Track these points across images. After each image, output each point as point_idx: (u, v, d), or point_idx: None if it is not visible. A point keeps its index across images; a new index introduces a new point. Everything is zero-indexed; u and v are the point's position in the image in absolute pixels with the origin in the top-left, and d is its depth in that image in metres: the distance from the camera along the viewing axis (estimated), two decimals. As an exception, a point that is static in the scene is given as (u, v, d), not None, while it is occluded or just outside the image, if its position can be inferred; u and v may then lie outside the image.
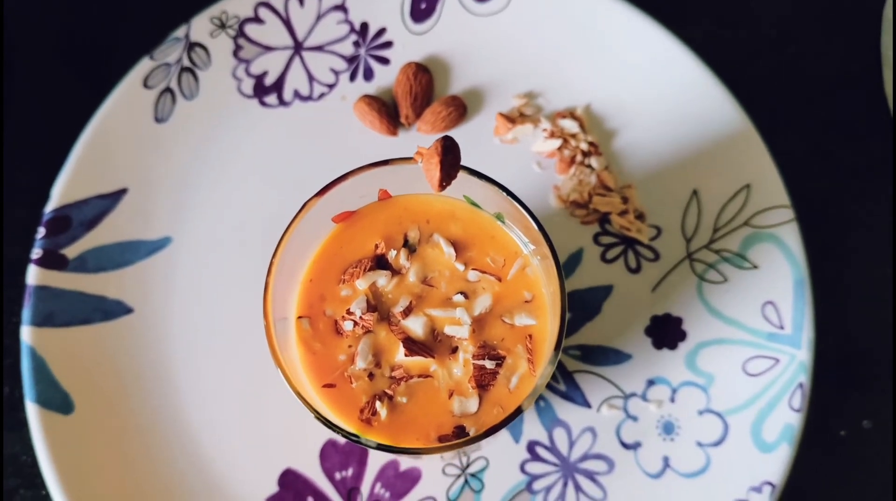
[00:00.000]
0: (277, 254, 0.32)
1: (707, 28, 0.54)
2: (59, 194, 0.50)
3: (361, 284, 0.35)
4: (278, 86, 0.53)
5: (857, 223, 0.52)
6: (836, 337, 0.50)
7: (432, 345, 0.34)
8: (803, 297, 0.48)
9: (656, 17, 0.52)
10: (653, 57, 0.52)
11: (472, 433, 0.34)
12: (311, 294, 0.35)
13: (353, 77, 0.53)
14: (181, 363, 0.50)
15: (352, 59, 0.53)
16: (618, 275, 0.51)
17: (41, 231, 0.50)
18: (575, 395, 0.49)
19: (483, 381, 0.33)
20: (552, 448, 0.48)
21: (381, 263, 0.36)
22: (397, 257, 0.35)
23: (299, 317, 0.35)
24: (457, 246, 0.36)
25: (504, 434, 0.49)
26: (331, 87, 0.53)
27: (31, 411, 0.47)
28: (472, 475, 0.48)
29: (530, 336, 0.34)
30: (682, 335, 0.50)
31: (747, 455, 0.47)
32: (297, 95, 0.53)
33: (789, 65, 0.55)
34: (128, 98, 0.51)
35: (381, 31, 0.54)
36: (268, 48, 0.54)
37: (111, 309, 0.50)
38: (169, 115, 0.52)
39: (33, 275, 0.49)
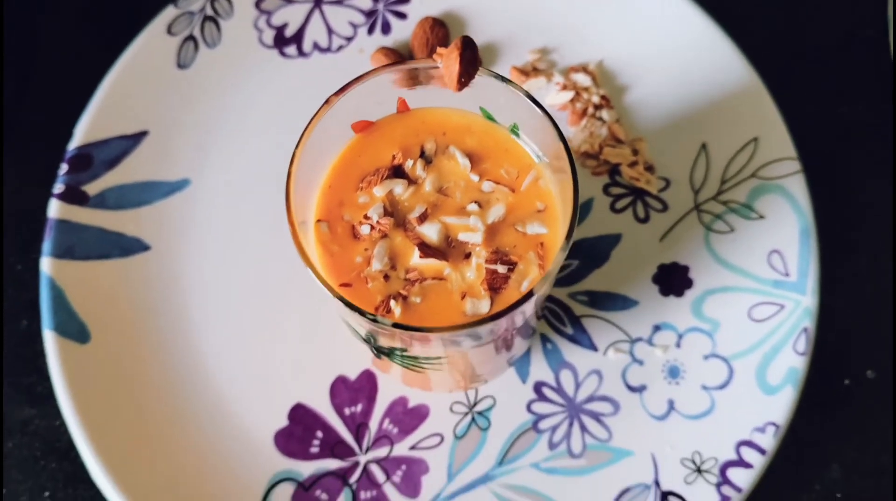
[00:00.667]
0: (297, 153, 0.33)
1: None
2: (83, 132, 0.52)
3: (379, 191, 0.36)
4: (298, 37, 0.55)
5: (861, 178, 0.53)
6: (841, 289, 0.51)
7: (446, 251, 0.35)
8: (809, 245, 0.49)
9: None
10: (664, 15, 0.53)
11: (483, 337, 0.35)
12: (330, 200, 0.36)
13: (370, 31, 0.55)
14: (195, 300, 0.50)
15: (370, 14, 0.55)
16: (627, 224, 0.52)
17: (63, 167, 0.51)
18: (582, 338, 0.50)
19: (495, 284, 0.34)
20: (559, 389, 0.49)
21: (397, 172, 0.37)
22: (414, 167, 0.36)
23: (318, 221, 0.36)
24: (472, 158, 0.37)
25: (511, 374, 0.49)
26: (349, 40, 0.55)
27: (49, 339, 0.48)
28: (480, 413, 0.49)
29: (542, 244, 0.35)
30: (688, 283, 0.50)
31: (752, 397, 0.48)
32: (315, 46, 0.55)
33: (798, 26, 0.56)
34: (152, 44, 0.53)
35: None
36: (289, 1, 0.55)
37: (129, 246, 0.51)
38: (191, 62, 0.53)
39: (55, 209, 0.50)
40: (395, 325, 0.31)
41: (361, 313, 0.32)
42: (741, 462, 0.46)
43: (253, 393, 0.49)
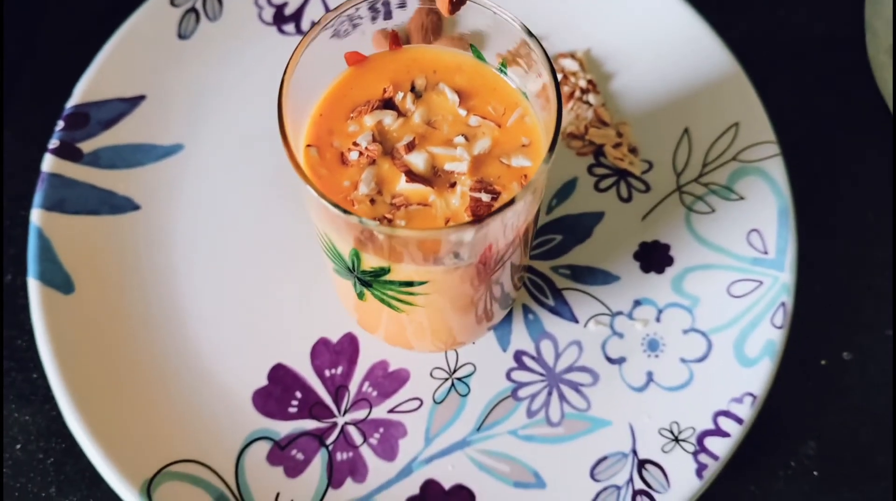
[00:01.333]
0: (290, 68, 0.34)
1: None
2: (81, 92, 0.53)
3: (369, 120, 0.37)
4: (297, 16, 0.57)
5: (843, 166, 0.55)
6: (819, 271, 0.52)
7: (432, 179, 0.36)
8: (787, 225, 0.50)
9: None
10: (650, 6, 0.55)
11: (465, 256, 0.36)
12: (321, 127, 0.37)
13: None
14: (182, 260, 0.51)
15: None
16: (610, 203, 0.53)
17: (60, 124, 0.52)
18: (563, 310, 0.50)
19: (479, 211, 0.35)
20: (538, 359, 0.49)
21: (388, 104, 0.38)
22: (404, 100, 0.37)
23: (308, 146, 0.37)
24: (461, 95, 0.38)
25: (491, 342, 0.50)
26: (347, 21, 0.56)
27: (33, 287, 0.48)
28: (459, 379, 0.49)
29: (525, 176, 0.36)
30: (669, 261, 0.51)
31: (729, 369, 0.48)
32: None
33: (779, 21, 0.58)
34: (155, 13, 0.54)
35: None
36: (291, -20, 0.57)
37: (119, 204, 0.52)
38: (192, 33, 0.55)
39: (48, 163, 0.51)
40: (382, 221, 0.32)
41: (345, 211, 0.32)
42: (718, 432, 0.46)
43: (233, 352, 0.49)
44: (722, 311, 0.49)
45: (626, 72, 0.55)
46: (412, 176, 0.35)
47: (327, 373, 0.49)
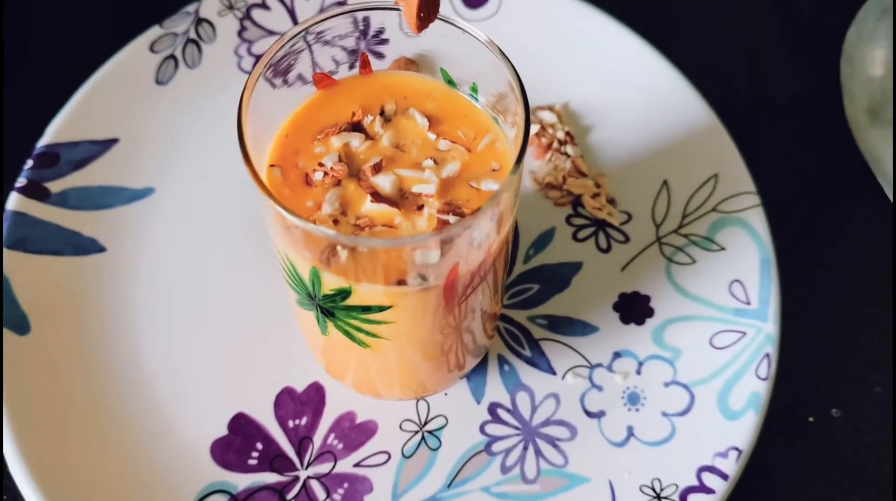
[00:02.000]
0: (249, 82, 0.34)
1: (686, 42, 0.58)
2: (53, 132, 0.52)
3: (335, 142, 0.36)
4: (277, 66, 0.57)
5: (825, 219, 0.54)
6: (803, 325, 0.51)
7: (399, 201, 0.35)
8: (769, 274, 0.49)
9: (630, 26, 0.56)
10: (628, 62, 0.56)
11: (431, 280, 0.34)
12: (286, 148, 0.36)
13: (351, 67, 0.57)
14: (144, 304, 0.49)
15: (352, 52, 0.57)
16: (588, 253, 0.52)
17: (29, 163, 0.51)
18: (540, 361, 0.48)
19: (446, 240, 0.33)
20: (514, 412, 0.47)
21: (356, 128, 0.37)
22: (372, 123, 0.37)
23: (271, 166, 0.36)
24: (431, 120, 0.37)
25: (465, 393, 0.48)
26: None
27: (-14, 326, 0.46)
28: (430, 432, 0.46)
29: (497, 212, 0.35)
30: (649, 312, 0.50)
31: (713, 423, 0.46)
32: (299, 77, 0.56)
33: (756, 79, 0.59)
34: (133, 58, 0.54)
35: (381, 31, 0.58)
36: (271, 32, 0.57)
37: (84, 245, 0.50)
38: (170, 79, 0.55)
39: (13, 201, 0.50)
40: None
41: (304, 220, 0.31)
42: (703, 488, 0.44)
43: (193, 400, 0.47)
44: (704, 363, 0.48)
45: (604, 125, 0.55)
46: (378, 197, 0.34)
47: (291, 424, 0.46)
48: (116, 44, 0.55)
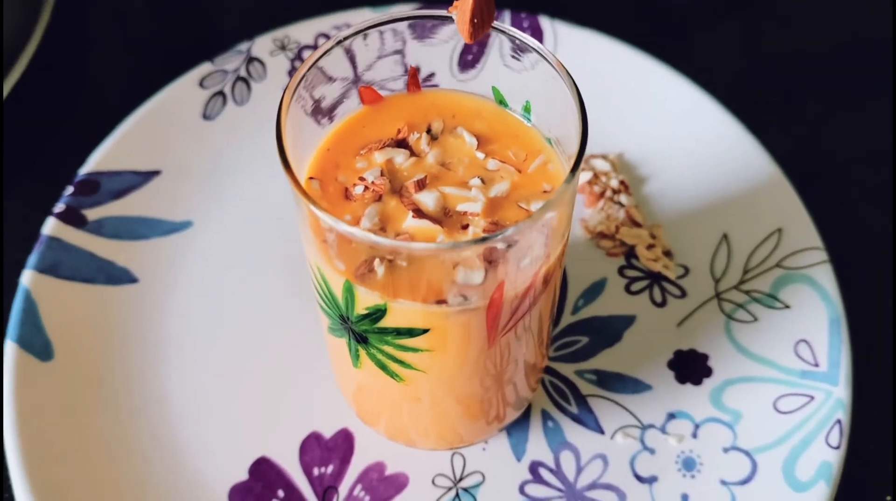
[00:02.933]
0: (290, 87, 0.32)
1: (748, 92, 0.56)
2: (96, 160, 0.51)
3: (378, 157, 0.34)
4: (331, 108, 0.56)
5: (889, 278, 0.50)
6: (875, 393, 0.46)
7: (442, 219, 0.33)
8: (839, 335, 0.45)
9: (681, 70, 0.54)
10: (684, 110, 0.54)
11: (472, 301, 0.31)
12: (326, 161, 0.35)
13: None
14: (172, 338, 0.47)
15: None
16: (642, 306, 0.48)
17: (69, 189, 0.50)
18: (587, 419, 0.45)
19: (492, 256, 0.31)
20: (557, 472, 0.43)
21: (401, 144, 0.35)
22: (418, 140, 0.35)
23: (310, 178, 0.34)
24: (480, 139, 0.35)
25: (504, 449, 0.44)
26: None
27: (9, 349, 0.45)
28: (465, 489, 0.43)
29: (548, 227, 0.32)
30: (707, 371, 0.46)
31: (779, 494, 0.41)
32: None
33: (820, 136, 0.56)
34: (182, 92, 0.54)
35: (431, 76, 0.57)
36: (329, 79, 0.57)
37: (116, 275, 0.49)
38: (217, 114, 0.54)
39: (49, 226, 0.49)
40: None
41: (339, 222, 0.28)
42: (767, 567, 0.39)
43: (215, 442, 0.44)
44: (768, 428, 0.43)
45: (660, 176, 0.52)
46: (420, 213, 0.32)
47: (316, 472, 0.43)
48: (169, 78, 0.55)
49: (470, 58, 0.47)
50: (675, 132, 0.53)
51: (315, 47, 0.57)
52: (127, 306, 0.48)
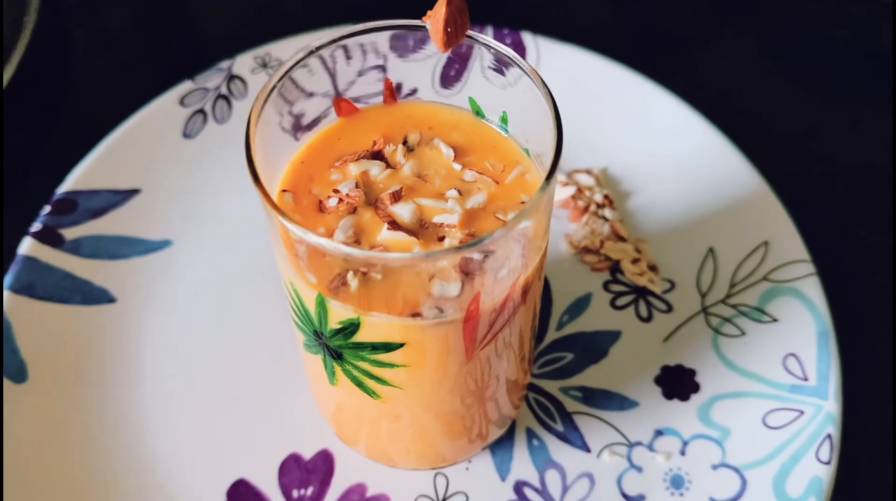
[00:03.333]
0: (262, 93, 0.32)
1: (732, 104, 0.56)
2: (74, 179, 0.51)
3: (353, 169, 0.34)
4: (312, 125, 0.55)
5: (883, 293, 0.49)
6: (866, 407, 0.45)
7: (418, 231, 0.32)
8: (828, 348, 0.45)
9: (666, 85, 0.54)
10: (667, 124, 0.53)
11: (449, 313, 0.30)
12: (300, 173, 0.34)
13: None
14: (149, 359, 0.46)
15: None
16: (627, 322, 0.48)
17: (46, 208, 0.50)
18: (573, 437, 0.44)
19: (468, 268, 0.30)
20: (543, 492, 0.42)
21: (376, 156, 0.34)
22: (394, 152, 0.34)
23: (283, 191, 0.33)
24: (457, 151, 0.35)
25: (488, 468, 0.43)
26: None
27: (-20, 372, 0.44)
28: (448, 510, 0.42)
29: (525, 236, 0.31)
30: (695, 387, 0.45)
31: (769, 511, 0.40)
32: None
33: (806, 149, 0.56)
34: (162, 110, 0.54)
35: (413, 91, 0.56)
36: (303, 91, 0.56)
37: (94, 295, 0.48)
38: (197, 133, 0.54)
39: (26, 246, 0.48)
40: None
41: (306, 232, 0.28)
42: (758, 586, 0.38)
43: (192, 464, 0.43)
44: (757, 444, 0.43)
45: (645, 190, 0.52)
46: (395, 225, 0.31)
47: (295, 494, 0.42)
48: (149, 97, 0.54)
49: (452, 73, 0.47)
50: (659, 146, 0.53)
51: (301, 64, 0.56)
52: (104, 327, 0.47)
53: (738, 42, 0.61)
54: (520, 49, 0.55)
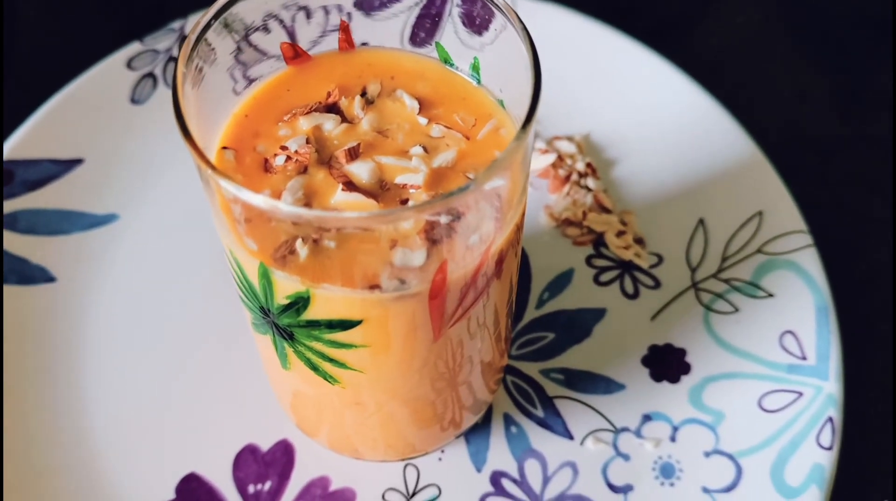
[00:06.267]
0: (192, 33, 0.28)
1: (724, 70, 0.52)
2: (10, 148, 0.47)
3: (304, 123, 0.30)
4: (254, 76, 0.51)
5: (882, 265, 0.46)
6: (868, 387, 0.42)
7: (378, 194, 0.28)
8: (827, 325, 0.41)
9: (661, 52, 0.50)
10: (655, 87, 0.50)
11: (412, 285, 0.27)
12: (243, 129, 0.30)
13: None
14: (92, 344, 0.43)
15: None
16: (612, 299, 0.44)
17: (-22, 180, 0.45)
18: (554, 423, 0.41)
19: (434, 235, 0.27)
20: (522, 483, 0.39)
21: (331, 109, 0.31)
22: (351, 105, 0.30)
23: (223, 148, 0.30)
24: (422, 103, 0.31)
25: (462, 458, 0.40)
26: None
27: None
28: (419, 504, 0.38)
29: (498, 195, 0.28)
30: (685, 368, 0.42)
31: (767, 501, 0.37)
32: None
33: (801, 116, 0.53)
34: (107, 74, 0.50)
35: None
36: (264, 53, 0.52)
37: (31, 274, 0.44)
38: (146, 98, 0.50)
39: (-46, 221, 0.44)
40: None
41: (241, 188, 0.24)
42: (756, 584, 0.35)
43: (138, 456, 0.39)
44: (753, 429, 0.39)
45: (630, 158, 0.48)
46: (351, 187, 0.27)
47: (252, 489, 0.39)
48: (95, 59, 0.50)
49: (423, 34, 0.43)
50: (646, 111, 0.49)
51: (262, 27, 0.52)
52: (42, 309, 0.43)
53: (733, 5, 0.57)
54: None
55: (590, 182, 0.47)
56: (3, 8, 0.55)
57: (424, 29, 0.41)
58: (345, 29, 0.32)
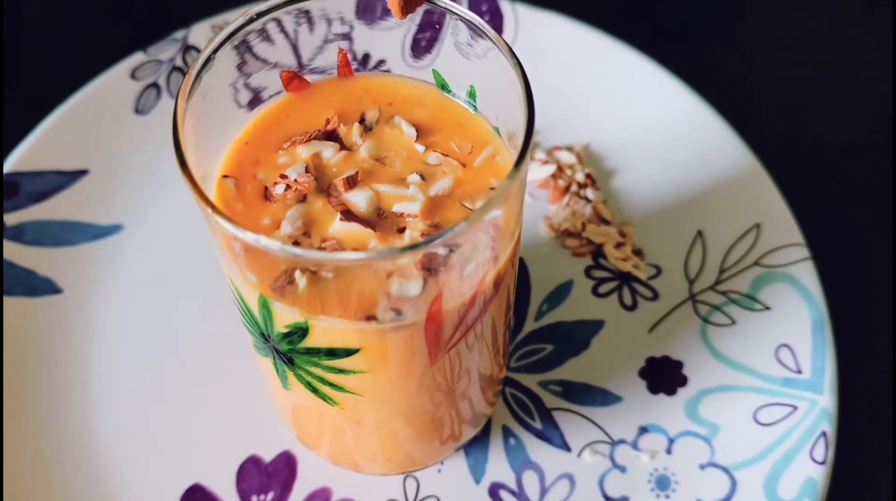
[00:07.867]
0: (197, 62, 0.28)
1: (724, 81, 0.53)
2: (15, 160, 0.47)
3: (303, 151, 0.30)
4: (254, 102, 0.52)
5: (878, 280, 0.47)
6: (862, 401, 0.43)
7: (375, 222, 0.29)
8: (823, 339, 0.42)
9: (661, 62, 0.51)
10: (655, 98, 0.50)
11: (408, 316, 0.27)
12: (244, 156, 0.31)
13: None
14: (98, 356, 0.43)
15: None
16: (610, 310, 0.45)
17: (-16, 193, 0.46)
18: (552, 435, 0.41)
19: (431, 264, 0.27)
20: (519, 494, 0.40)
21: (329, 137, 0.31)
22: (349, 132, 0.31)
23: (224, 176, 0.30)
24: (420, 130, 0.31)
25: (462, 470, 0.40)
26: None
27: (-89, 372, 0.40)
28: (419, 515, 0.39)
29: (494, 226, 0.28)
30: (682, 380, 0.42)
31: (760, 515, 0.38)
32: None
33: (799, 128, 0.53)
34: (111, 85, 0.50)
35: (381, 62, 0.53)
36: (265, 62, 0.52)
37: (37, 285, 0.44)
38: (150, 109, 0.50)
39: (-39, 233, 0.45)
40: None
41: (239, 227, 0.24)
42: None
43: (144, 467, 0.40)
44: (748, 442, 0.40)
45: (630, 169, 0.49)
46: (349, 216, 0.28)
47: (255, 499, 0.39)
48: (99, 70, 0.50)
49: (423, 44, 0.43)
50: (645, 122, 0.50)
51: (265, 35, 0.53)
52: (49, 320, 0.44)
53: (731, 14, 0.58)
54: (497, 17, 0.52)
55: (589, 193, 0.48)
56: (7, 19, 0.56)
57: (425, 40, 0.41)
58: (343, 57, 0.32)
